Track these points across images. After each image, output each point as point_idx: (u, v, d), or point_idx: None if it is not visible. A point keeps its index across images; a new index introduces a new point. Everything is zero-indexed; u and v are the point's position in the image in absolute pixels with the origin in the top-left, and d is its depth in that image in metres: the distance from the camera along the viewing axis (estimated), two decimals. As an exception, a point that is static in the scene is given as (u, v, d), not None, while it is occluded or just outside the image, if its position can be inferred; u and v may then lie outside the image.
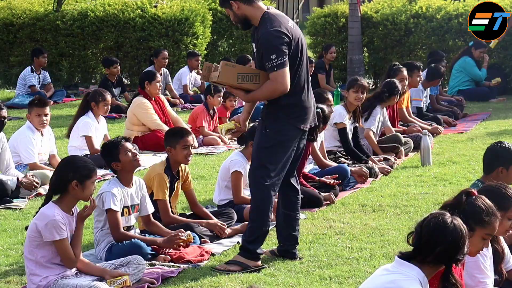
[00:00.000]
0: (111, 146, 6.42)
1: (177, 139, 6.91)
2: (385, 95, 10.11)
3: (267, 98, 6.15)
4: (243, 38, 19.81)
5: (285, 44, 6.02)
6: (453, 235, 4.04)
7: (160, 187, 6.79)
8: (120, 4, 17.49)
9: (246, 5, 6.13)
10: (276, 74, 6.00)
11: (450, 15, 16.35)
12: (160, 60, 14.82)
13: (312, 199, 7.88)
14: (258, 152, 6.18)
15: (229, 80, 6.09)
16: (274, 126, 6.14)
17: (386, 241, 6.68)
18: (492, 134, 11.57)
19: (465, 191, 4.57)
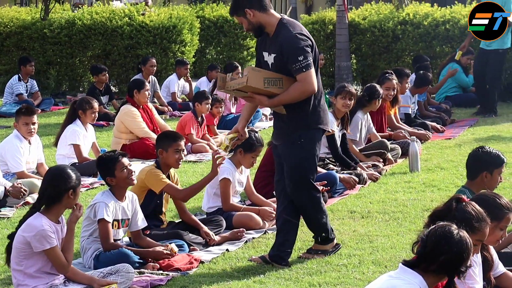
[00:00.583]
0: (108, 160, 6.37)
1: (170, 142, 6.91)
2: (365, 99, 10.11)
3: (295, 100, 6.18)
4: (231, 46, 19.85)
5: (309, 46, 6.17)
6: (458, 246, 4.05)
7: (157, 179, 6.77)
8: (108, 12, 17.48)
9: (261, 12, 6.22)
10: (305, 75, 6.11)
11: (437, 21, 16.41)
12: (148, 68, 14.82)
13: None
14: (299, 164, 6.28)
15: (257, 85, 6.11)
16: (307, 135, 6.27)
17: (375, 248, 6.68)
18: (479, 140, 11.60)
19: (455, 197, 4.57)
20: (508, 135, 12.00)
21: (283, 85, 6.16)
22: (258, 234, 7.24)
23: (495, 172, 5.95)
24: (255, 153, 7.53)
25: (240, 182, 7.60)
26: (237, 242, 7.00)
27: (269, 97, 6.19)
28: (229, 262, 6.45)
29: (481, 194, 5.10)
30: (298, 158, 6.29)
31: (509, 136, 11.90)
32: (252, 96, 6.22)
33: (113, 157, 6.35)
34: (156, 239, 6.59)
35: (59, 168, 5.78)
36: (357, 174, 9.06)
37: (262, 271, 6.20)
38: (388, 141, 10.46)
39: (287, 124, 6.30)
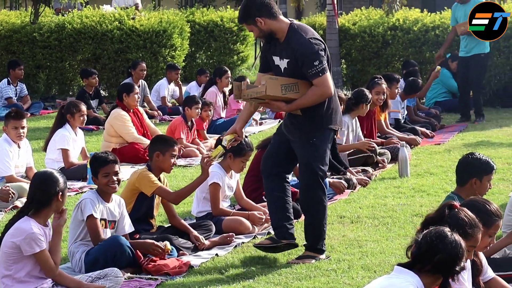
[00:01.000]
0: (96, 160, 6.38)
1: (167, 147, 6.92)
2: (352, 103, 10.10)
3: (314, 103, 6.36)
4: (221, 50, 19.84)
5: (323, 50, 6.34)
6: (453, 245, 4.10)
7: (148, 181, 6.76)
8: (98, 16, 17.45)
9: (272, 20, 6.36)
10: (322, 79, 6.29)
11: (427, 27, 16.46)
12: (138, 72, 14.81)
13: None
14: (310, 164, 6.47)
15: (276, 93, 6.28)
16: (319, 135, 6.47)
17: (364, 253, 6.69)
18: (469, 146, 11.63)
19: (447, 204, 4.58)
20: (497, 141, 12.03)
21: (299, 90, 6.34)
22: (248, 238, 7.23)
23: (485, 179, 5.96)
24: (244, 157, 7.53)
25: (230, 187, 7.60)
26: (226, 246, 7.00)
27: (287, 102, 6.36)
28: (218, 267, 6.44)
29: (471, 200, 5.11)
30: (311, 158, 6.48)
31: (498, 142, 11.93)
32: (270, 103, 6.40)
33: (102, 159, 6.35)
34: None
35: (47, 172, 5.78)
36: (347, 179, 9.06)
37: (251, 276, 6.19)
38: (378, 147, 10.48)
39: (302, 124, 6.48)
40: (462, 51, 13.71)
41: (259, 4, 6.36)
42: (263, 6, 6.36)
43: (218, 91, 13.58)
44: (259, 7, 6.35)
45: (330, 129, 6.54)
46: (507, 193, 8.50)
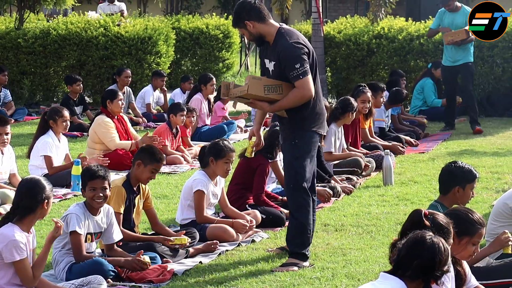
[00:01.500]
0: (88, 172, 6.31)
1: (152, 161, 6.90)
2: (339, 112, 10.12)
3: (294, 105, 6.51)
4: (206, 57, 19.85)
5: (305, 54, 6.49)
6: (430, 250, 4.07)
7: (116, 200, 6.73)
8: (83, 22, 17.42)
9: (260, 23, 6.57)
10: (302, 82, 6.43)
11: (411, 36, 16.53)
12: (123, 79, 14.78)
13: (274, 218, 7.90)
14: (291, 163, 6.60)
15: (257, 92, 6.45)
16: (303, 136, 6.59)
17: (348, 261, 6.69)
18: (453, 154, 11.67)
19: (418, 212, 4.55)
20: (480, 150, 12.08)
21: (283, 92, 6.48)
22: (232, 246, 7.22)
23: (467, 187, 5.98)
24: (226, 158, 7.47)
25: (215, 194, 7.58)
26: (210, 254, 6.98)
27: (271, 103, 6.51)
28: (202, 275, 6.42)
29: (454, 209, 5.12)
30: (291, 158, 6.61)
31: (482, 151, 11.98)
32: (254, 102, 6.57)
33: (91, 172, 6.27)
34: (129, 251, 6.55)
35: (33, 179, 5.75)
36: (331, 187, 9.07)
37: (235, 284, 6.18)
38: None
39: (287, 126, 6.65)
40: (447, 61, 13.61)
41: (249, 8, 6.58)
42: (252, 10, 6.57)
43: (203, 98, 13.58)
44: (248, 11, 6.57)
45: (313, 131, 6.62)
46: (490, 202, 8.53)
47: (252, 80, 6.52)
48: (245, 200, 8.08)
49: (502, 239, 5.97)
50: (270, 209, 7.96)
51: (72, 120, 12.96)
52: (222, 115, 13.92)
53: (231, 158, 7.50)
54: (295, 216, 6.65)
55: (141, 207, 7.03)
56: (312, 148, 6.65)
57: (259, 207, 7.99)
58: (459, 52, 13.35)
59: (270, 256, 6.88)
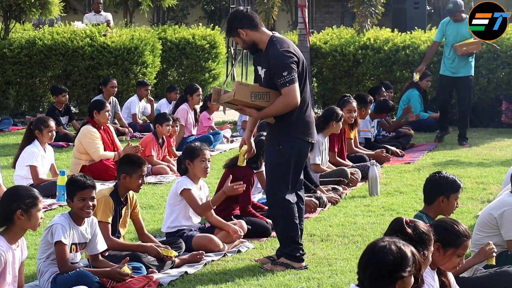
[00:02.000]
0: (76, 183, 6.25)
1: (135, 168, 6.88)
2: (321, 121, 10.10)
3: (280, 112, 6.65)
4: (192, 67, 19.85)
5: (294, 62, 6.62)
6: (377, 256, 3.93)
7: (104, 210, 6.71)
8: (69, 32, 17.39)
9: (253, 31, 6.75)
10: (288, 89, 6.56)
11: (397, 46, 16.58)
12: (109, 89, 14.77)
13: (260, 229, 7.89)
14: (273, 168, 6.73)
15: (244, 98, 6.58)
16: (287, 141, 6.69)
17: (334, 271, 6.69)
18: (438, 165, 11.71)
19: (399, 220, 4.53)
20: (466, 160, 12.11)
21: (270, 99, 6.61)
22: (218, 256, 7.21)
23: (452, 197, 6.00)
24: (201, 156, 7.47)
25: (200, 199, 7.55)
26: (196, 264, 6.97)
27: (258, 110, 6.64)
28: (188, 285, 6.41)
29: (440, 220, 5.12)
30: (273, 163, 6.74)
31: (467, 161, 12.02)
32: (242, 108, 6.70)
33: (80, 183, 6.21)
34: (115, 261, 6.52)
35: (13, 188, 5.71)
36: (317, 197, 9.08)
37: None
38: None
39: (272, 131, 6.80)
40: (447, 70, 13.37)
41: (241, 17, 6.75)
42: (244, 18, 6.75)
43: (189, 108, 13.58)
44: (241, 20, 6.74)
45: (298, 138, 6.71)
46: (475, 212, 8.55)
47: (239, 86, 6.63)
48: (230, 211, 8.08)
49: (487, 250, 5.99)
50: (256, 220, 7.96)
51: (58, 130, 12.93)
52: (208, 125, 13.92)
53: (206, 156, 7.49)
54: (279, 220, 6.78)
55: (128, 218, 7.02)
56: (295, 155, 6.71)
57: (244, 217, 7.99)
58: (461, 63, 13.19)
59: (256, 266, 6.88)
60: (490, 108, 16.00)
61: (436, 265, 4.96)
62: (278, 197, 6.71)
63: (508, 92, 15.89)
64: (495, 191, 9.69)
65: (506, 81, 15.89)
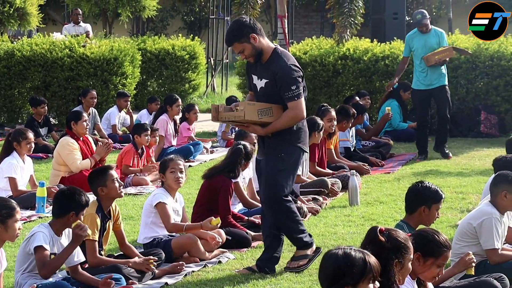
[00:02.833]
0: (82, 198, 6.30)
1: (105, 177, 6.87)
2: None
3: (287, 126, 6.81)
4: (172, 78, 19.85)
5: (300, 77, 6.82)
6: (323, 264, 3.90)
7: (91, 227, 6.69)
8: (48, 43, 17.32)
9: (262, 39, 6.85)
10: (296, 103, 6.75)
11: (376, 57, 16.64)
12: (88, 100, 14.72)
13: (240, 239, 7.88)
14: (275, 174, 6.83)
15: (252, 118, 6.71)
16: (288, 150, 6.87)
17: (315, 281, 6.68)
18: (418, 174, 11.74)
19: (374, 229, 4.54)
20: (445, 170, 12.16)
21: (273, 114, 6.77)
22: (198, 267, 7.20)
23: (433, 207, 6.02)
24: (170, 167, 7.48)
25: (175, 211, 7.53)
26: (176, 275, 6.95)
27: (262, 126, 6.78)
28: (168, 296, 6.39)
29: (421, 230, 5.12)
30: (275, 170, 6.84)
31: (447, 171, 12.07)
32: (249, 126, 6.83)
33: (84, 201, 6.30)
34: (94, 273, 6.49)
35: None
36: (297, 207, 9.07)
37: (201, 305, 6.16)
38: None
39: (273, 140, 6.88)
40: (421, 84, 12.89)
41: (252, 23, 6.85)
42: (255, 25, 6.86)
43: (169, 119, 13.56)
44: (253, 25, 6.83)
45: (298, 147, 6.90)
46: (455, 222, 8.59)
47: (248, 106, 6.70)
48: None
49: (466, 260, 6.02)
50: (236, 230, 7.95)
51: (37, 142, 12.87)
52: (187, 136, 13.90)
53: (176, 166, 7.48)
54: (286, 223, 6.93)
55: (110, 230, 7.00)
56: (296, 163, 6.93)
57: (224, 228, 7.98)
58: (434, 74, 12.77)
59: (236, 276, 6.87)
60: (469, 118, 16.07)
61: (416, 274, 4.96)
62: (281, 199, 6.85)
63: (487, 102, 15.98)
64: (474, 201, 9.73)
65: (485, 91, 15.99)
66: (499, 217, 6.47)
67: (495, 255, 6.40)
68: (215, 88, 22.75)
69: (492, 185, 6.62)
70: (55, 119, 17.07)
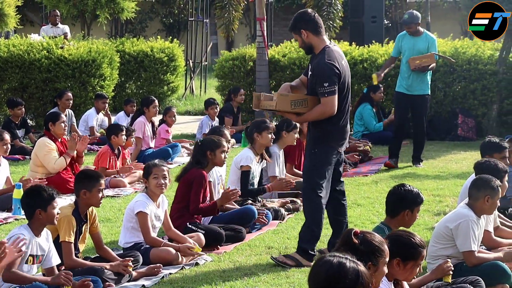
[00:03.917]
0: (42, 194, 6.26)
1: (94, 183, 6.84)
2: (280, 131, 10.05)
3: (317, 119, 7.25)
4: (151, 80, 19.81)
5: (336, 75, 7.17)
6: (315, 271, 3.81)
7: (67, 229, 6.66)
8: (26, 45, 17.23)
9: (314, 35, 7.30)
10: (327, 99, 7.15)
11: (355, 60, 16.69)
12: (64, 102, 14.64)
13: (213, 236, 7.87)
14: (310, 169, 7.33)
15: (285, 108, 7.18)
16: (321, 148, 7.31)
17: (292, 283, 6.69)
18: (395, 177, 11.78)
19: (348, 232, 4.54)
20: (422, 173, 12.21)
21: (308, 105, 7.20)
22: (175, 269, 7.18)
23: (415, 210, 6.05)
24: (153, 173, 7.47)
25: (157, 216, 7.52)
26: (153, 277, 6.93)
27: (298, 115, 7.25)
28: (145, 299, 6.37)
29: (395, 235, 5.09)
30: (310, 165, 7.33)
31: (424, 174, 12.11)
32: (284, 114, 7.35)
33: (51, 195, 6.25)
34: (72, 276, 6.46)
35: None
36: (275, 210, 9.08)
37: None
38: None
39: (312, 136, 7.41)
40: (403, 88, 12.62)
41: (308, 19, 7.29)
42: (310, 21, 7.28)
43: (146, 121, 13.52)
44: (307, 21, 7.28)
45: (331, 146, 7.32)
46: (431, 224, 8.62)
47: (280, 97, 7.16)
48: (184, 220, 8.03)
49: (444, 268, 6.05)
50: (209, 226, 8.02)
51: (14, 143, 12.81)
52: (165, 138, 13.87)
53: (160, 172, 7.46)
54: (307, 216, 7.36)
55: (87, 233, 6.97)
56: (327, 160, 7.32)
57: (199, 225, 7.98)
58: (417, 81, 12.49)
59: (214, 278, 6.86)
60: (446, 121, 16.15)
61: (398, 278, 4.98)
62: (315, 193, 7.25)
63: (464, 105, 16.07)
64: (451, 204, 9.77)
65: (462, 94, 16.08)
66: (476, 220, 6.50)
67: (472, 257, 6.43)
68: (194, 91, 22.72)
69: (473, 188, 6.61)
70: (32, 120, 16.98)
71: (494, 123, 15.86)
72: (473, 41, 16.85)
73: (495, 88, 15.81)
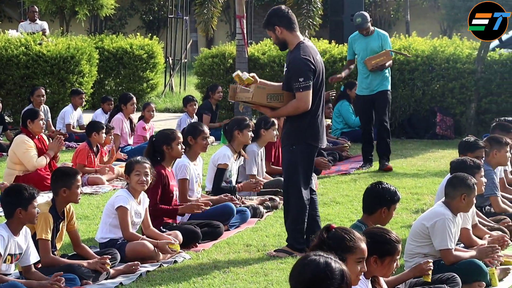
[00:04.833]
0: (23, 192, 6.21)
1: (72, 179, 6.81)
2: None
3: (291, 114, 7.36)
4: (130, 77, 19.74)
5: (311, 71, 7.29)
6: (305, 270, 3.78)
7: (44, 227, 6.63)
8: (3, 41, 17.12)
9: (288, 31, 7.41)
10: (301, 95, 7.26)
11: (334, 58, 16.72)
12: (36, 98, 14.53)
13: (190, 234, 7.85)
14: (289, 166, 7.43)
15: (261, 100, 7.27)
16: (299, 144, 7.38)
17: (270, 281, 6.70)
18: (374, 175, 11.81)
19: (326, 226, 4.55)
20: (401, 171, 12.25)
21: (284, 100, 7.29)
22: (153, 267, 7.16)
23: (392, 208, 6.08)
24: (135, 170, 7.44)
25: (138, 213, 7.49)
26: (131, 275, 6.91)
27: (272, 109, 7.34)
28: (122, 296, 6.35)
29: (370, 232, 5.08)
30: (290, 162, 7.40)
31: (403, 172, 12.15)
32: (258, 107, 7.41)
33: (32, 193, 6.21)
34: (47, 273, 6.43)
35: None
36: (254, 208, 9.08)
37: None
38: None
39: (287, 133, 7.47)
40: (363, 90, 12.34)
41: (281, 15, 7.40)
42: (284, 17, 7.39)
43: (124, 117, 13.48)
44: (281, 18, 7.39)
45: (309, 144, 7.38)
46: (409, 222, 8.65)
47: (257, 89, 7.24)
48: (161, 220, 8.00)
49: (424, 267, 6.06)
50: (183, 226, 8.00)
51: (-9, 140, 12.72)
52: (143, 135, 13.81)
53: (142, 169, 7.44)
54: (290, 213, 7.49)
55: (64, 231, 6.94)
56: (305, 157, 7.39)
57: (174, 226, 7.97)
58: (376, 79, 12.26)
59: (192, 276, 6.85)
60: (425, 119, 16.20)
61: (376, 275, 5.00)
62: (298, 189, 7.38)
63: (443, 104, 16.13)
64: (429, 202, 9.81)
65: (441, 93, 16.14)
66: (452, 218, 6.53)
67: (449, 255, 6.45)
68: (173, 88, 22.68)
69: (449, 187, 6.64)
70: (9, 117, 16.88)
71: (472, 122, 15.93)
72: (452, 40, 16.94)
73: (473, 86, 15.88)
